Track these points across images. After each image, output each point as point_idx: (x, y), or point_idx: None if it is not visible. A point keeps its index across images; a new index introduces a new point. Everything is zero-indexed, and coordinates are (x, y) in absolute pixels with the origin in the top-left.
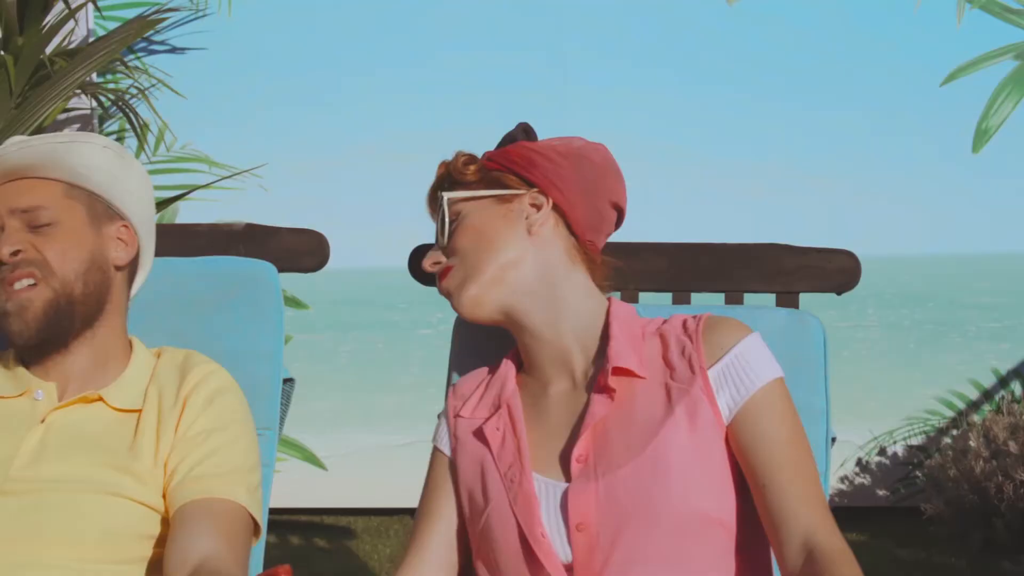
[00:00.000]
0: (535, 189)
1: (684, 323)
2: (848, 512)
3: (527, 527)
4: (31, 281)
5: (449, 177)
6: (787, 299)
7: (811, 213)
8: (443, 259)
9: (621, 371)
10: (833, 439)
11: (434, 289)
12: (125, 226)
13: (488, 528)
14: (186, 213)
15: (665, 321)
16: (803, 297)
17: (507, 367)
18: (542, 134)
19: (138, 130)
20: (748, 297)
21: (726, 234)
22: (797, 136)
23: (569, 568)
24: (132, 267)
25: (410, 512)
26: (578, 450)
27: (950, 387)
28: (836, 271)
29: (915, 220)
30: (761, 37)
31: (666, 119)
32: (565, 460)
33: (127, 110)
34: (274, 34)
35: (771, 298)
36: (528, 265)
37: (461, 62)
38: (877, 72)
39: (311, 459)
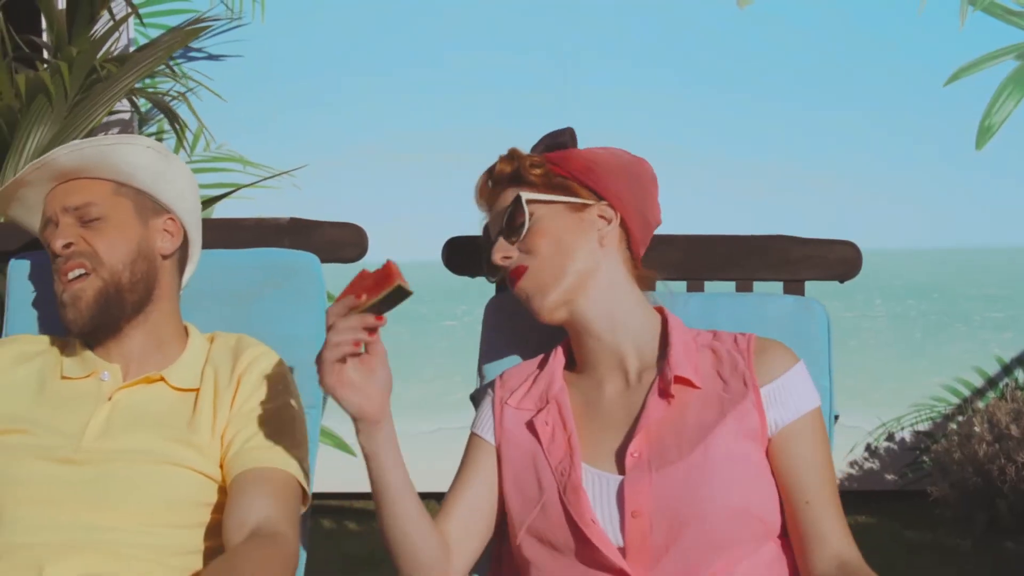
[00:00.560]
0: (604, 202)
1: (735, 340)
2: (857, 496)
3: (578, 515)
4: (83, 271)
5: (515, 175)
6: (793, 286)
7: (818, 209)
8: (514, 255)
9: (680, 380)
10: (836, 416)
11: (457, 282)
12: (171, 219)
13: (544, 517)
14: (220, 210)
15: (715, 336)
16: (812, 288)
17: (555, 363)
18: (544, 134)
19: (178, 131)
20: (757, 285)
21: (732, 231)
22: (802, 135)
23: (622, 551)
24: (181, 257)
25: (434, 496)
26: (633, 447)
27: (955, 375)
28: (838, 260)
29: (920, 215)
30: (763, 37)
31: (666, 119)
32: (620, 455)
33: (167, 112)
34: (302, 40)
35: (779, 286)
36: (601, 274)
37: (465, 62)
38: (881, 72)
39: (342, 446)
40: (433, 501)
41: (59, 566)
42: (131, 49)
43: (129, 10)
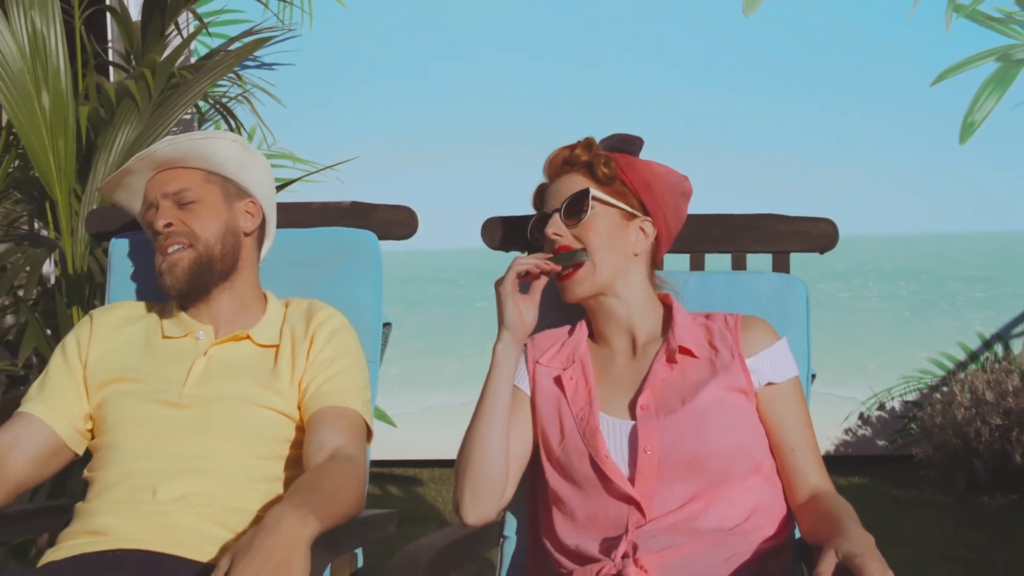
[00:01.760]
0: (648, 219)
1: (725, 319)
2: (852, 460)
3: (594, 452)
4: (180, 247)
5: (587, 164)
6: (781, 258)
7: (819, 198)
8: (564, 234)
9: (682, 349)
10: (813, 376)
11: (490, 266)
12: (252, 202)
13: (565, 454)
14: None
15: (708, 316)
16: (808, 271)
17: (580, 333)
18: (577, 127)
19: (234, 130)
20: (750, 257)
21: None
22: (806, 131)
23: (632, 480)
24: (260, 235)
25: None
26: (642, 400)
27: (941, 349)
28: (819, 235)
29: (910, 204)
30: (767, 42)
31: (679, 114)
32: (631, 407)
33: (226, 113)
34: (346, 47)
35: (768, 257)
36: (628, 276)
37: (509, 64)
38: (875, 72)
39: (383, 417)
40: None
41: (168, 487)
42: (192, 57)
43: (198, 24)
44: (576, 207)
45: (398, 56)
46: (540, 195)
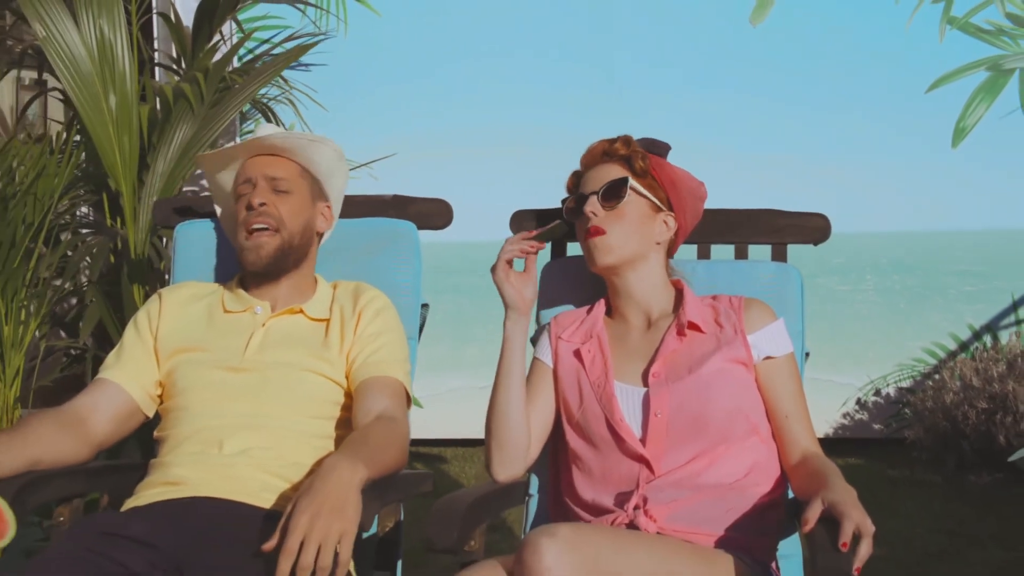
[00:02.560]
0: (672, 214)
1: (730, 301)
2: (849, 442)
3: (609, 415)
4: (266, 227)
5: (625, 157)
6: (779, 248)
7: (819, 196)
8: (600, 214)
9: (691, 325)
10: (807, 353)
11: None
12: (328, 206)
13: (584, 418)
14: None
15: (715, 298)
16: (808, 265)
17: (598, 311)
18: (594, 128)
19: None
20: (751, 247)
21: None
22: (807, 132)
23: (643, 441)
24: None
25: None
26: (655, 368)
27: (933, 340)
28: (814, 228)
29: (905, 202)
30: (774, 50)
31: (695, 118)
32: (644, 376)
33: (268, 112)
34: (376, 51)
35: (767, 248)
36: (648, 260)
37: (531, 70)
38: (874, 79)
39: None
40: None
41: (232, 441)
42: (234, 61)
43: (238, 30)
44: (614, 192)
45: (427, 59)
46: (576, 179)
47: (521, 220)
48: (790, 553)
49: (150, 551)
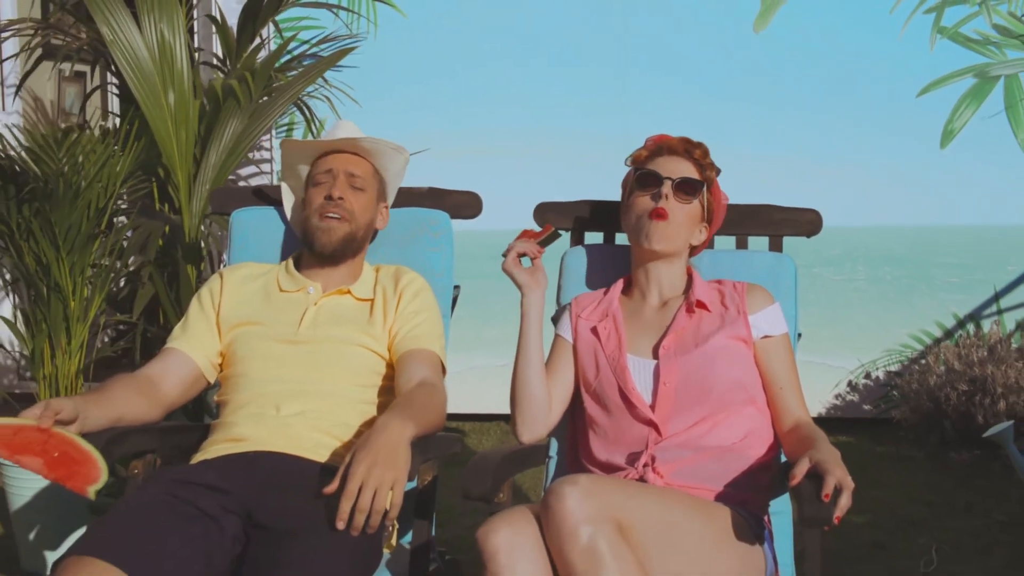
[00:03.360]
0: (707, 226)
1: (734, 285)
2: (841, 422)
3: (623, 384)
4: (339, 217)
5: (696, 160)
6: (776, 240)
7: (816, 193)
8: (670, 200)
9: (700, 304)
10: (800, 334)
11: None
12: (386, 207)
13: (600, 387)
14: None
15: (720, 282)
16: (805, 257)
17: (614, 292)
18: (606, 132)
19: (313, 125)
20: (751, 239)
21: None
22: (805, 134)
23: (652, 407)
24: None
25: (505, 418)
26: (665, 343)
27: (920, 327)
28: (807, 222)
29: (896, 199)
30: (778, 56)
31: (704, 121)
32: (654, 349)
33: (306, 109)
34: (404, 53)
35: (765, 239)
36: (681, 258)
37: (550, 73)
38: (869, 84)
39: None
40: (502, 422)
41: (288, 404)
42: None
43: (278, 34)
44: (691, 188)
45: (451, 61)
46: (650, 153)
47: (544, 212)
48: (781, 510)
49: (222, 496)
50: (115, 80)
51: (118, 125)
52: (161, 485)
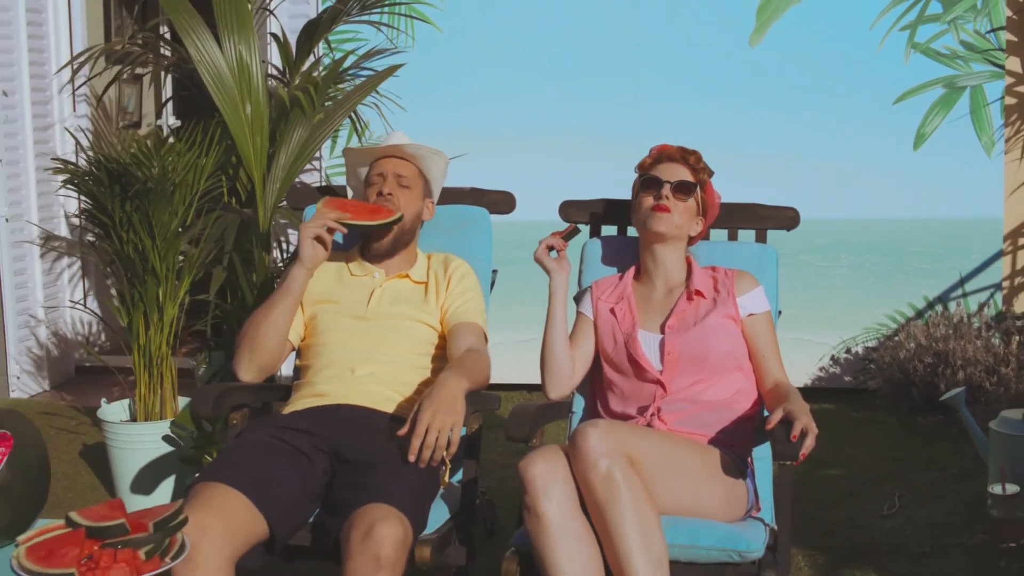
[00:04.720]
0: (703, 220)
1: (725, 272)
2: (823, 391)
3: (634, 352)
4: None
5: (691, 165)
6: (761, 233)
7: (803, 190)
8: (670, 199)
9: (698, 292)
10: (780, 312)
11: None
12: (432, 201)
13: (617, 356)
14: None
15: (714, 270)
16: (793, 245)
17: (628, 277)
18: (618, 136)
19: (359, 129)
20: (740, 232)
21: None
22: (793, 136)
23: (660, 372)
24: None
25: (528, 387)
26: (670, 322)
27: (895, 308)
28: (787, 218)
29: (876, 194)
30: (770, 66)
31: (704, 123)
32: (662, 326)
33: (353, 115)
34: (440, 64)
35: (752, 232)
36: (680, 243)
37: (573, 80)
38: (850, 91)
39: None
40: (525, 391)
41: (361, 368)
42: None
43: (328, 49)
44: (686, 189)
45: (483, 68)
46: (653, 160)
47: (567, 208)
48: (763, 456)
49: (312, 437)
50: (179, 88)
51: (179, 125)
52: (264, 429)
